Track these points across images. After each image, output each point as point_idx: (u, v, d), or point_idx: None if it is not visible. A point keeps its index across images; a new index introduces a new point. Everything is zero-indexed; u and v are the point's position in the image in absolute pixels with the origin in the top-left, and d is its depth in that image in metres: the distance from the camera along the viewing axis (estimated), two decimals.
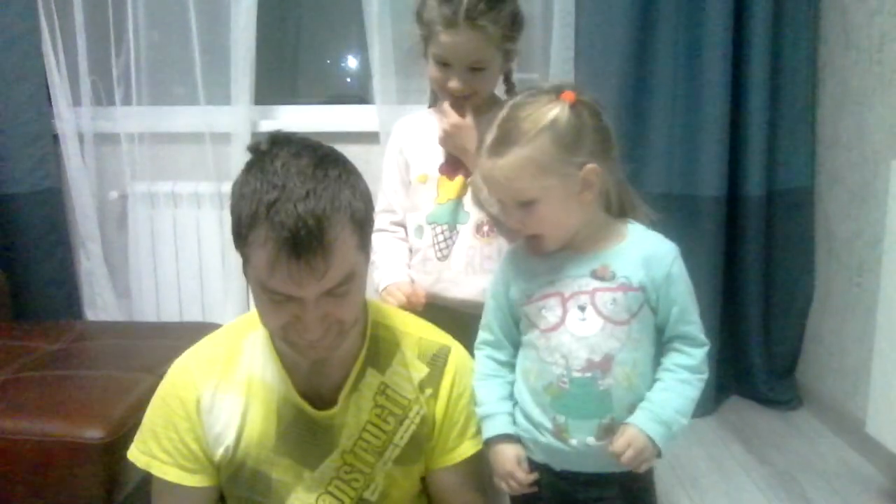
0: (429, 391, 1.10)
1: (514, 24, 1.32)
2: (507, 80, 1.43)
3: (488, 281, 1.22)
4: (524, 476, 1.10)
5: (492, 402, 1.13)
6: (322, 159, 0.96)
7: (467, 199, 1.37)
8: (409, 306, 1.31)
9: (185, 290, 2.38)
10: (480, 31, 1.26)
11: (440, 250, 1.38)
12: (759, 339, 2.31)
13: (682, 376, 1.08)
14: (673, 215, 2.27)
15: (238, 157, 2.33)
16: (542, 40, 2.40)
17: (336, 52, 3.35)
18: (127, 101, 2.38)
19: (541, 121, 1.01)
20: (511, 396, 1.14)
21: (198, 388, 1.05)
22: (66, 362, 1.58)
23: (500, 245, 1.36)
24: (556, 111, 1.01)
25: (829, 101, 2.26)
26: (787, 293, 2.32)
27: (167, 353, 1.10)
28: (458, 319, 1.28)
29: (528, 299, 1.11)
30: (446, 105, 1.36)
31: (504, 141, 1.02)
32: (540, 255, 1.10)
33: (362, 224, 0.97)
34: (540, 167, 1.01)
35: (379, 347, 1.10)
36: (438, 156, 1.41)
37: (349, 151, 1.06)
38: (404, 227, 1.46)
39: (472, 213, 1.37)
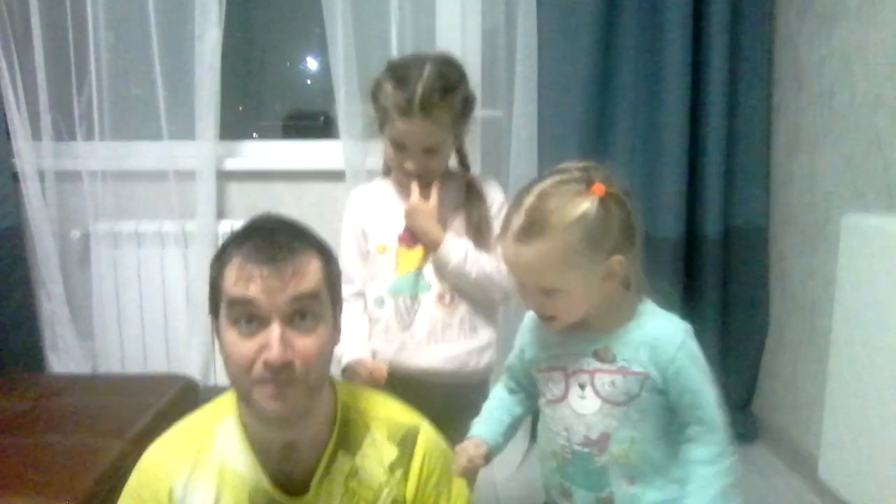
0: (399, 472, 1.12)
1: (466, 107, 1.38)
2: (460, 152, 1.48)
3: (451, 350, 1.26)
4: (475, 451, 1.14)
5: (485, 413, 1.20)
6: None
7: (428, 270, 1.41)
8: (372, 382, 1.33)
9: (150, 331, 2.36)
10: (434, 119, 1.31)
11: (402, 320, 1.40)
12: (715, 373, 2.36)
13: (705, 472, 1.06)
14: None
15: (203, 195, 2.33)
16: (505, 77, 2.43)
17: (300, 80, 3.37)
18: (89, 136, 2.35)
19: (570, 216, 1.01)
20: (509, 421, 1.20)
21: (171, 478, 1.06)
22: (31, 426, 1.57)
23: (462, 314, 1.39)
24: (585, 206, 1.01)
25: (782, 143, 2.33)
26: (743, 328, 2.38)
27: (134, 413, 1.11)
28: (421, 389, 1.32)
29: (538, 368, 1.16)
30: (413, 186, 1.39)
31: (531, 230, 1.03)
32: None
33: (329, 262, 1.06)
34: (566, 261, 1.02)
35: (349, 430, 1.12)
36: (396, 225, 1.44)
37: (315, 190, 1.13)
38: (363, 296, 1.48)
39: (434, 283, 1.40)
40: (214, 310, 1.03)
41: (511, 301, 1.50)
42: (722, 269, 2.32)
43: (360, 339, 1.43)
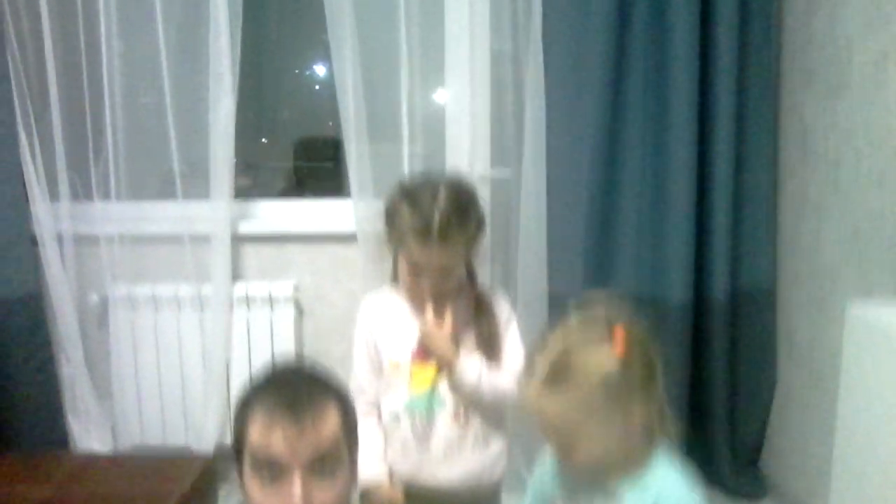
0: None
1: (479, 229, 1.41)
2: (469, 266, 1.53)
3: (466, 464, 1.30)
4: None
5: None
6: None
7: (443, 387, 1.44)
8: None
9: (167, 393, 2.40)
10: (451, 245, 1.34)
11: (419, 438, 1.44)
12: (724, 430, 2.40)
13: None
14: (642, 317, 2.37)
15: (218, 258, 2.37)
16: (515, 137, 2.47)
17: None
18: (105, 196, 2.39)
19: (593, 373, 1.06)
20: None
21: None
22: None
23: (476, 428, 1.43)
24: (607, 365, 1.06)
25: (789, 206, 2.35)
26: (751, 386, 2.41)
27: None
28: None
29: (553, 501, 1.21)
30: (428, 308, 1.42)
31: (554, 380, 1.08)
32: None
33: (346, 409, 1.10)
34: (588, 415, 1.07)
35: None
36: (409, 341, 1.48)
37: (328, 252, 1.18)
38: (377, 407, 1.51)
39: (449, 401, 1.44)
40: (238, 453, 1.08)
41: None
42: (730, 329, 2.35)
43: (377, 458, 1.46)
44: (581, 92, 2.29)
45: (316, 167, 3.37)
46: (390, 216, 1.42)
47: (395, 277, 1.55)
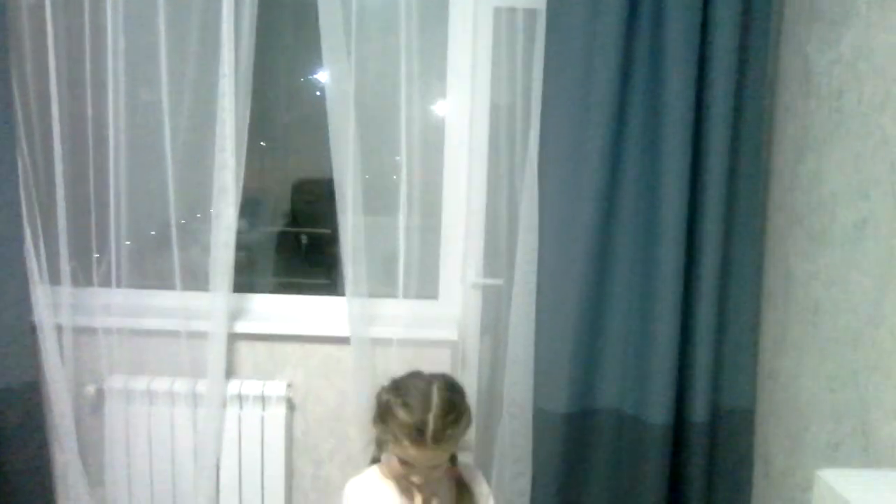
0: None
1: (468, 425, 1.48)
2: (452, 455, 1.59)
3: None
4: None
5: None
6: None
7: None
8: None
9: (158, 486, 2.46)
10: (443, 445, 1.41)
11: None
12: None
13: None
14: (623, 436, 2.45)
15: (213, 356, 2.43)
16: (507, 245, 2.54)
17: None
18: (106, 283, 2.46)
19: None
20: None
21: None
22: None
23: None
24: None
25: (771, 323, 2.42)
26: None
27: None
28: None
29: None
30: (417, 499, 1.49)
31: None
32: None
33: None
34: None
35: None
36: None
37: (321, 352, 1.23)
38: None
39: None
40: None
41: None
42: (709, 451, 2.41)
43: None
44: (574, 210, 2.35)
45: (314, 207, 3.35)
46: (382, 414, 1.49)
47: (377, 455, 1.62)
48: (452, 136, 2.53)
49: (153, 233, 2.50)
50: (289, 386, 2.50)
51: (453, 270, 2.59)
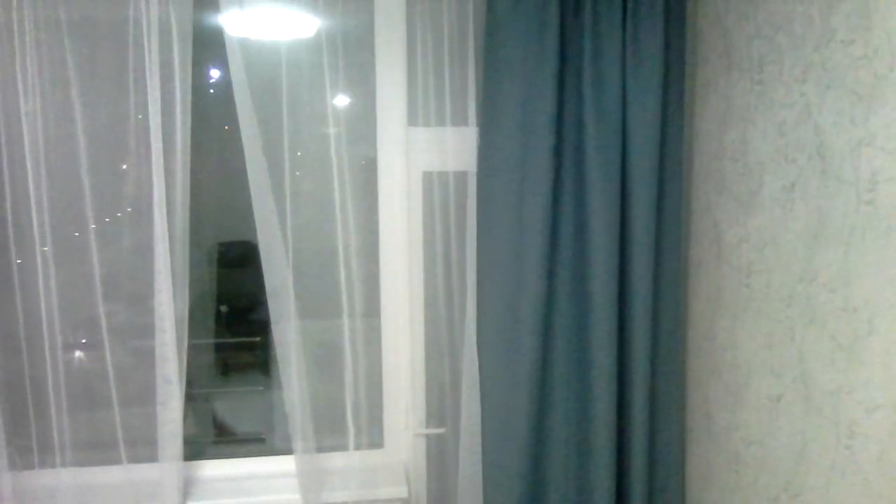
0: None
1: None
2: None
3: None
4: None
5: None
6: None
7: None
8: None
9: None
10: None
11: None
12: None
13: None
14: None
15: None
16: (451, 399, 2.65)
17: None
18: (49, 464, 2.44)
19: None
20: None
21: None
22: None
23: None
24: None
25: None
26: None
27: None
28: None
29: None
30: None
31: None
32: None
33: None
34: None
35: None
36: None
37: None
38: None
39: None
40: None
41: None
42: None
43: None
44: (512, 371, 2.49)
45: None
46: None
47: None
48: (389, 291, 2.63)
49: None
50: None
51: (398, 419, 2.67)
